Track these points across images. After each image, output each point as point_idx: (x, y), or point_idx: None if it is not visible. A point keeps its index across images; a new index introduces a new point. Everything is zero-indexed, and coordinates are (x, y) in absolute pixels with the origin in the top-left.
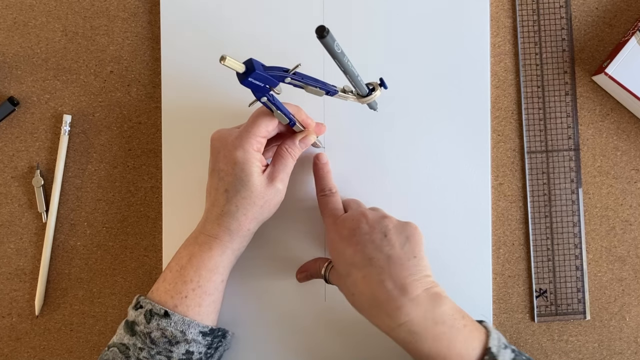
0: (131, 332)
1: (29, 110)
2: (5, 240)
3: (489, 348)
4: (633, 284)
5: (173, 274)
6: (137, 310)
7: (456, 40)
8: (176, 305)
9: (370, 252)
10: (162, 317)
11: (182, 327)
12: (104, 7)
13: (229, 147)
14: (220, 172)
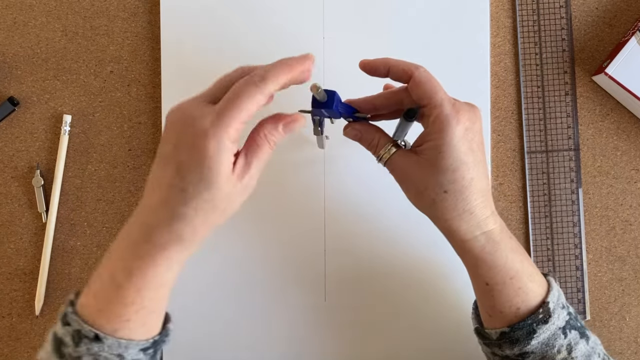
0: (59, 353)
1: (29, 110)
2: (5, 240)
3: (547, 302)
4: (633, 284)
5: (107, 291)
6: (64, 326)
7: (456, 40)
8: (116, 330)
9: (480, 155)
10: (92, 340)
11: (118, 351)
12: (104, 7)
13: (197, 135)
14: (179, 164)
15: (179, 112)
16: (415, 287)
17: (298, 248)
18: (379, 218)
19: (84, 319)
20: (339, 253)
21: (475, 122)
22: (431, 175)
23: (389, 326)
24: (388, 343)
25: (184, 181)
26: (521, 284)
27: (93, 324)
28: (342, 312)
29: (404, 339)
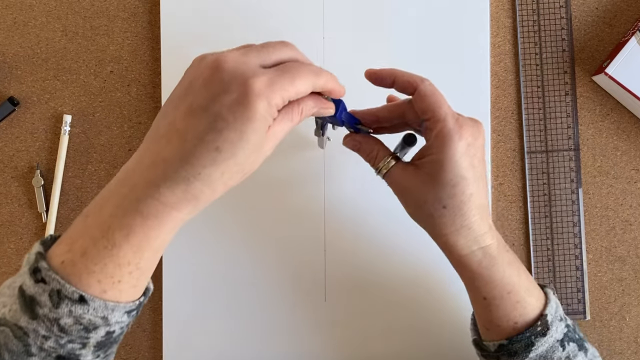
0: (31, 313)
1: (29, 110)
2: (5, 240)
3: (544, 314)
4: (633, 284)
5: (99, 249)
6: (37, 283)
7: (456, 40)
8: (105, 291)
9: (481, 171)
10: (75, 302)
11: (104, 313)
12: (104, 7)
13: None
14: (217, 118)
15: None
16: (415, 287)
17: (298, 248)
18: (379, 218)
19: (65, 278)
20: (339, 253)
21: (477, 138)
22: (430, 189)
23: (388, 326)
24: (388, 343)
25: (219, 138)
26: (519, 298)
27: (78, 284)
28: (342, 312)
29: (404, 339)
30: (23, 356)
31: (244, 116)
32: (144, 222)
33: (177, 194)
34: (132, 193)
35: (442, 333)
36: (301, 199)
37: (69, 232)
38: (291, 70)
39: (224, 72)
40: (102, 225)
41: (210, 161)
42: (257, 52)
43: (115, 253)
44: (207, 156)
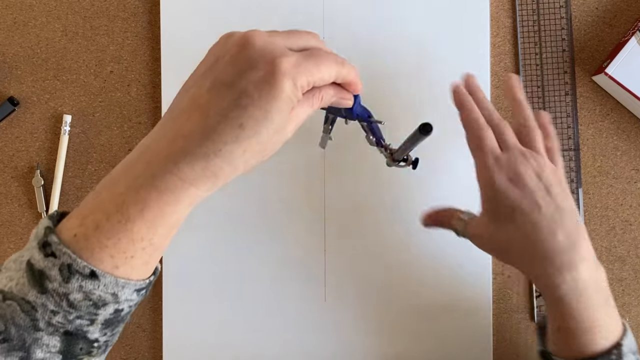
0: (40, 287)
1: (29, 110)
2: (5, 240)
3: (620, 344)
4: (633, 284)
5: (113, 223)
6: (47, 257)
7: (456, 40)
8: (117, 267)
9: (539, 199)
10: (86, 277)
11: (114, 290)
12: (104, 7)
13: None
14: (243, 94)
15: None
16: (415, 287)
17: (298, 248)
18: (379, 218)
19: (77, 252)
20: (339, 253)
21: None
22: (496, 230)
23: (389, 326)
24: (388, 343)
25: (244, 115)
26: (592, 337)
27: (89, 259)
28: (342, 312)
29: (404, 338)
30: (30, 331)
31: (270, 94)
32: (160, 197)
33: (196, 170)
34: (148, 168)
35: (443, 333)
36: (301, 199)
37: (81, 207)
38: (317, 56)
39: (252, 49)
40: (117, 199)
41: (232, 138)
42: (285, 36)
43: (129, 228)
44: (230, 133)
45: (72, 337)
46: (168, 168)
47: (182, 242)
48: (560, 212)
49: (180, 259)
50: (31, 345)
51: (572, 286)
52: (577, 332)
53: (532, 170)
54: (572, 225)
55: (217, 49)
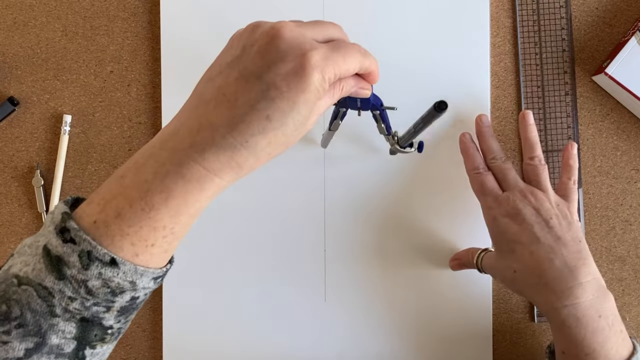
0: (58, 273)
1: (29, 110)
2: (5, 240)
3: None
4: (633, 284)
5: (135, 211)
6: (66, 243)
7: (456, 40)
8: (137, 254)
9: (538, 231)
10: (106, 264)
11: (132, 277)
12: (104, 7)
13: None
14: (271, 85)
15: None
16: (415, 287)
17: (298, 248)
18: (380, 218)
19: (97, 239)
20: (339, 253)
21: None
22: (501, 261)
23: (388, 326)
24: (388, 343)
25: (271, 107)
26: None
27: (110, 246)
28: (342, 312)
29: (404, 338)
30: (47, 316)
31: (299, 87)
32: (185, 186)
33: (221, 161)
34: (174, 156)
35: (443, 333)
36: (301, 199)
37: (101, 192)
38: (343, 48)
39: (281, 41)
40: (141, 186)
41: (259, 129)
42: (311, 27)
43: (153, 216)
44: (257, 124)
45: (88, 323)
46: (194, 157)
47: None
48: (559, 242)
49: (180, 259)
50: (47, 331)
51: (572, 311)
52: (579, 357)
53: (531, 206)
54: (572, 253)
55: (244, 38)
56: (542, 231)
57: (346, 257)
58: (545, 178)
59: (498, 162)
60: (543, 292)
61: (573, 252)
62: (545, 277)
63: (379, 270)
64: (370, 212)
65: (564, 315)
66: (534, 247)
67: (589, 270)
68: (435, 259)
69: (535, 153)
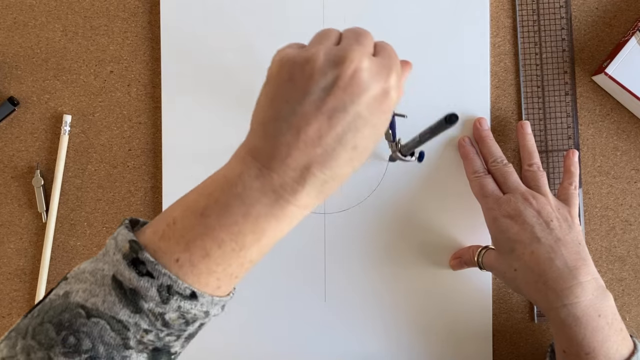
0: (133, 307)
1: (29, 110)
2: (5, 240)
3: None
4: (633, 284)
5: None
6: (142, 277)
7: (456, 40)
8: (219, 287)
9: (538, 232)
10: (186, 298)
11: (208, 308)
12: (104, 7)
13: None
14: (357, 117)
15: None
16: (415, 287)
17: (298, 248)
18: (380, 218)
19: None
20: (339, 253)
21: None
22: (502, 260)
23: (388, 326)
24: (388, 343)
25: (357, 136)
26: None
27: (195, 283)
28: (342, 312)
29: (404, 338)
30: (120, 349)
31: (380, 110)
32: (277, 226)
33: (312, 195)
34: (264, 197)
35: (443, 333)
36: None
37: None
38: (394, 56)
39: (363, 73)
40: (230, 229)
41: (346, 160)
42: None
43: (243, 255)
44: (345, 156)
45: (158, 352)
46: (285, 198)
47: None
48: (559, 242)
49: None
50: None
51: (572, 310)
52: (578, 356)
53: (532, 208)
54: (572, 253)
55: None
56: (542, 232)
57: (346, 257)
58: (544, 183)
59: (499, 165)
60: (543, 291)
61: (573, 252)
62: (545, 277)
63: (379, 271)
64: (370, 213)
65: (563, 314)
66: (534, 247)
67: (588, 270)
68: (435, 259)
69: (533, 160)
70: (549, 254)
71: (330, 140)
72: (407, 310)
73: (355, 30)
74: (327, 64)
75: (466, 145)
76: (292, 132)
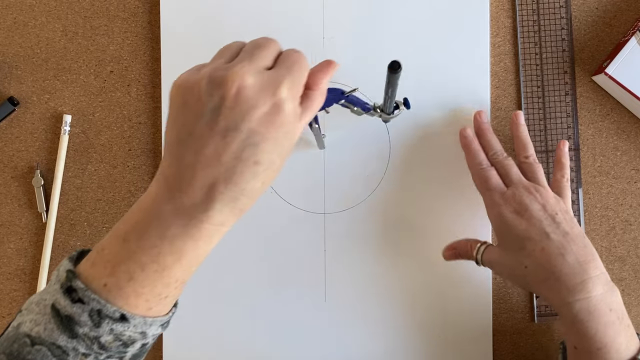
0: (70, 332)
1: (29, 110)
2: (5, 240)
3: (637, 358)
4: (633, 284)
5: (148, 273)
6: (75, 303)
7: (456, 40)
8: (150, 308)
9: (546, 227)
10: (117, 321)
11: (143, 329)
12: (104, 7)
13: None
14: (252, 134)
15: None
16: (415, 287)
17: (298, 248)
18: (380, 218)
19: (111, 300)
20: (339, 253)
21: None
22: (510, 258)
23: (388, 326)
24: (388, 343)
25: (257, 152)
26: (608, 356)
27: (124, 306)
28: (342, 312)
29: (404, 338)
30: None
31: (276, 124)
32: (195, 244)
33: (225, 213)
34: (178, 219)
35: (443, 333)
36: (301, 199)
37: (105, 255)
38: (296, 65)
39: (247, 90)
40: (150, 251)
41: (252, 175)
42: (259, 56)
43: (166, 275)
44: (248, 171)
45: None
46: (198, 217)
47: None
48: (567, 237)
49: None
50: None
51: (584, 305)
52: (589, 352)
53: (537, 202)
54: (581, 248)
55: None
56: (550, 227)
57: (346, 257)
58: (542, 175)
59: (500, 158)
60: (555, 287)
61: (581, 247)
62: (557, 273)
63: (379, 270)
64: (370, 213)
65: (576, 309)
66: (545, 243)
67: (597, 264)
68: (435, 259)
69: (529, 152)
70: (559, 249)
71: (229, 158)
72: (407, 310)
73: (254, 43)
74: (212, 85)
75: (468, 136)
76: (192, 153)
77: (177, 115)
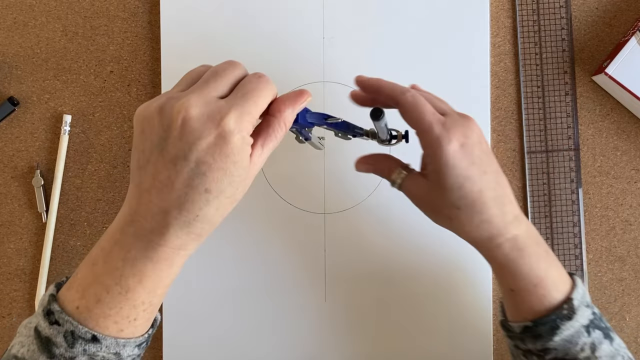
0: (48, 353)
1: (29, 110)
2: (5, 240)
3: (571, 298)
4: (633, 284)
5: (113, 295)
6: (52, 325)
7: (456, 40)
8: (122, 330)
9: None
10: (89, 341)
11: (116, 349)
12: (104, 7)
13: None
14: (199, 163)
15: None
16: (415, 286)
17: (298, 248)
18: (380, 218)
19: (82, 322)
20: (339, 253)
21: (470, 136)
22: (440, 195)
23: (389, 326)
24: (388, 343)
25: (206, 180)
26: (545, 292)
27: (95, 327)
28: (342, 312)
29: (404, 338)
30: None
31: (223, 154)
32: (155, 267)
33: (181, 237)
34: (137, 242)
35: (443, 333)
36: (301, 199)
37: (78, 279)
38: (251, 93)
39: (193, 121)
40: (114, 273)
41: (204, 202)
42: (213, 84)
43: (130, 297)
44: (200, 199)
45: None
46: (156, 241)
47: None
48: (496, 175)
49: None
50: None
51: (515, 244)
52: (527, 290)
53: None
54: (506, 186)
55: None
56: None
57: (346, 257)
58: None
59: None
60: (486, 229)
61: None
62: (488, 212)
63: (379, 270)
64: (370, 213)
65: (507, 249)
66: (484, 182)
67: (514, 199)
68: (435, 259)
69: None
70: (495, 188)
71: (181, 185)
72: (407, 309)
73: (213, 71)
74: (162, 116)
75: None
76: (149, 179)
77: (137, 142)
